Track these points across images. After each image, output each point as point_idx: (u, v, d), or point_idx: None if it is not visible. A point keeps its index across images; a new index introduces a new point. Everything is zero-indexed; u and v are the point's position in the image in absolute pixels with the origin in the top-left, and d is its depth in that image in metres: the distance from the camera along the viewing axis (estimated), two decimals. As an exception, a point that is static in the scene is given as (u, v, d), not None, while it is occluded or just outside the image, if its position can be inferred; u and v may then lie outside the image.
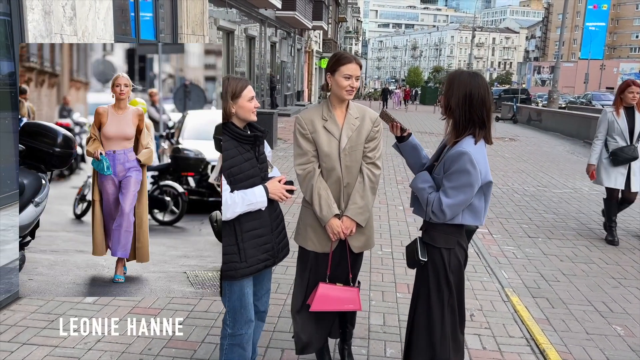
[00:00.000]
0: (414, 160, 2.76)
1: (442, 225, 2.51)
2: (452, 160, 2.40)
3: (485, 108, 2.41)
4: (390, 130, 2.74)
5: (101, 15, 7.92)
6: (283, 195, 2.64)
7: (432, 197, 2.47)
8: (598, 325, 3.88)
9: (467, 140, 2.42)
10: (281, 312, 3.88)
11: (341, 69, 2.73)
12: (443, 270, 2.54)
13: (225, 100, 2.52)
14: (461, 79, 2.42)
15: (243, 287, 2.68)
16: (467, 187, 2.38)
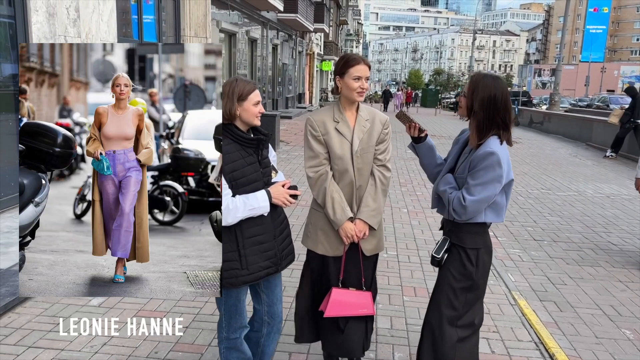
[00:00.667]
0: (429, 160, 2.79)
1: (468, 225, 2.55)
2: (479, 159, 2.44)
3: (507, 111, 2.46)
4: (407, 131, 2.75)
5: (104, 17, 7.91)
6: (287, 200, 2.59)
7: (452, 196, 2.52)
8: (607, 329, 3.85)
9: (492, 140, 2.46)
10: (288, 316, 3.85)
11: (350, 70, 2.71)
12: (467, 269, 2.56)
13: (231, 101, 2.48)
14: (485, 81, 2.46)
15: (240, 294, 2.65)
16: (491, 185, 2.43)
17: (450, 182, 2.59)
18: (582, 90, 63.12)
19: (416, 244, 5.70)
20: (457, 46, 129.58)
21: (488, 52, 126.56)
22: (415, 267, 4.98)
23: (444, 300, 2.61)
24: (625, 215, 7.37)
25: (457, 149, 2.67)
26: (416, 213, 6.99)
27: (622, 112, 13.30)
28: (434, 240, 5.84)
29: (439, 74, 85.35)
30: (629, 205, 8.02)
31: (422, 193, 8.28)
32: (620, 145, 13.39)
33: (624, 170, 11.55)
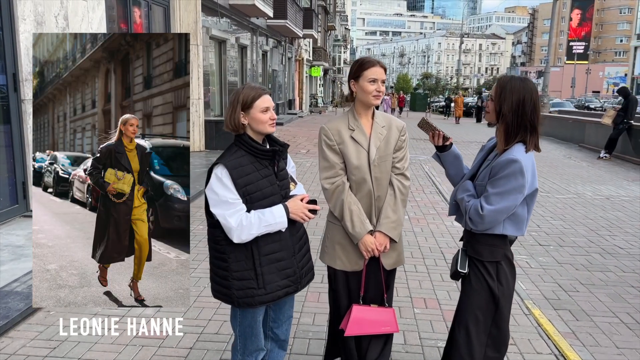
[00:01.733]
0: (456, 171, 2.63)
1: (485, 236, 2.40)
2: (501, 166, 2.30)
3: (536, 114, 2.33)
4: (431, 139, 2.60)
5: (94, 25, 7.73)
6: (305, 215, 2.43)
7: (470, 204, 2.38)
8: (627, 338, 3.73)
9: (517, 147, 2.32)
10: (296, 333, 3.69)
11: (365, 73, 2.57)
12: (488, 285, 2.41)
13: (234, 110, 2.33)
14: (513, 84, 2.32)
15: (256, 314, 2.49)
16: (511, 195, 2.28)
17: (468, 190, 2.45)
18: (568, 91, 63.80)
19: (421, 252, 5.56)
20: (444, 50, 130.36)
21: (474, 55, 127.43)
22: (422, 276, 4.84)
23: (470, 319, 2.46)
24: (627, 217, 7.29)
25: (482, 156, 2.54)
26: (418, 220, 6.86)
27: (615, 113, 13.32)
28: (438, 247, 5.71)
29: (427, 78, 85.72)
30: (629, 206, 7.96)
31: (421, 199, 8.16)
32: (613, 146, 13.39)
33: (619, 172, 11.53)
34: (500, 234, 2.40)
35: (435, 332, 3.74)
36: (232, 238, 2.30)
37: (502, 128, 2.37)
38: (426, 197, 8.30)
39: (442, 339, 3.62)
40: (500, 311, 2.45)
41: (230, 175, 2.28)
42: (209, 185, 2.33)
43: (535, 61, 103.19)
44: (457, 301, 2.61)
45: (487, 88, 76.50)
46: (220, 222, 2.31)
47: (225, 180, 2.28)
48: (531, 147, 2.34)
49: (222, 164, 2.30)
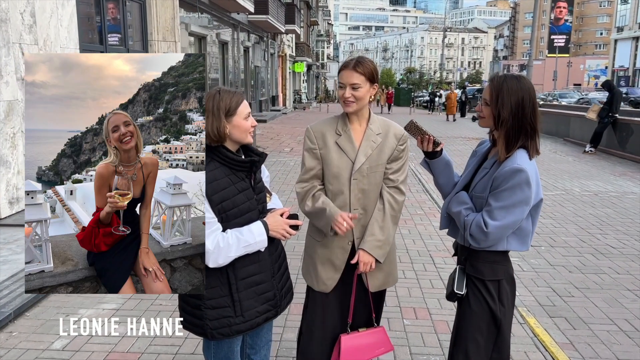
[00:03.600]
0: (446, 179, 2.37)
1: (485, 253, 2.17)
2: (504, 177, 2.06)
3: (535, 115, 2.10)
4: (419, 144, 2.31)
5: (64, 22, 7.36)
6: (286, 232, 2.18)
7: (470, 219, 2.12)
8: (627, 348, 3.54)
9: (520, 154, 2.10)
10: (278, 351, 3.44)
11: (338, 77, 2.34)
12: (489, 306, 2.18)
13: (217, 118, 2.03)
14: (509, 84, 2.08)
15: (233, 344, 2.24)
16: (518, 208, 2.06)
17: (464, 202, 2.20)
18: (550, 84, 64.20)
19: (409, 256, 5.35)
20: (427, 44, 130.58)
21: (457, 49, 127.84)
22: (412, 283, 4.62)
23: (470, 344, 2.22)
24: (617, 214, 7.17)
25: (475, 163, 2.28)
26: (405, 221, 6.64)
27: (600, 107, 13.26)
28: (427, 250, 5.50)
29: (410, 73, 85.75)
30: (618, 202, 7.84)
31: (408, 198, 7.91)
32: (599, 140, 13.35)
33: (606, 166, 11.46)
34: (503, 250, 2.18)
35: (427, 346, 3.52)
36: (208, 262, 2.03)
37: (502, 134, 2.12)
38: (413, 197, 8.10)
39: (433, 354, 3.42)
40: (502, 334, 2.23)
41: (205, 191, 2.01)
42: None
43: (517, 54, 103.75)
44: (454, 323, 2.38)
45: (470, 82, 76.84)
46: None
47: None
48: (533, 152, 2.12)
49: None
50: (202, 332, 2.15)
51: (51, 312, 3.95)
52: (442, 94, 37.05)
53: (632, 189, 8.86)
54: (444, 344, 3.53)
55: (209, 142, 2.09)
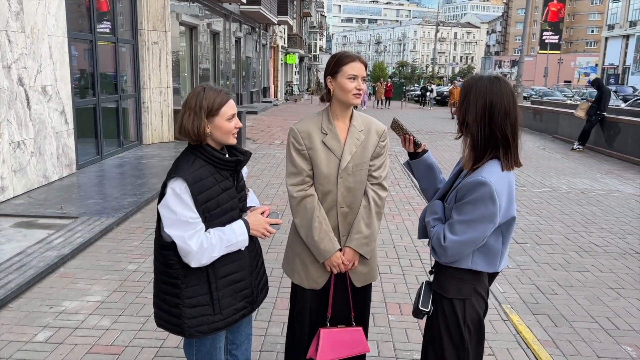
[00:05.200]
0: (428, 183, 2.26)
1: (452, 269, 2.00)
2: (467, 189, 1.89)
3: (509, 122, 1.90)
4: (402, 144, 2.28)
5: (52, 9, 7.27)
6: (266, 230, 2.18)
7: (434, 231, 1.99)
8: (607, 345, 3.59)
9: (490, 166, 1.91)
10: (263, 346, 3.45)
11: (344, 69, 2.29)
12: (456, 325, 2.02)
13: (198, 117, 2.00)
14: (479, 86, 1.91)
15: (216, 340, 2.23)
16: (480, 224, 1.88)
17: (435, 212, 2.05)
18: (540, 80, 64.56)
19: (396, 251, 5.37)
20: (420, 38, 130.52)
21: (449, 44, 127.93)
22: (397, 279, 4.64)
23: (434, 354, 2.11)
24: (602, 212, 7.24)
25: (455, 171, 2.15)
26: (392, 216, 6.67)
27: (589, 105, 13.35)
28: (414, 246, 5.53)
29: (403, 66, 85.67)
30: (603, 201, 7.92)
31: (397, 193, 7.97)
32: (587, 137, 13.44)
33: (593, 164, 11.56)
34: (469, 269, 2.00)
35: (411, 342, 3.54)
36: (190, 262, 2.01)
37: (468, 141, 1.97)
38: (401, 192, 8.12)
39: (417, 350, 3.44)
40: (467, 353, 2.05)
41: (190, 190, 1.98)
42: (164, 202, 2.00)
43: (509, 50, 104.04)
44: (423, 342, 2.27)
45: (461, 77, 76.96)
46: (174, 244, 2.02)
47: (184, 197, 1.97)
48: (508, 166, 1.92)
49: (181, 178, 1.97)
50: (179, 331, 2.12)
51: (35, 304, 3.93)
52: (433, 88, 36.99)
53: (618, 187, 8.95)
54: (427, 340, 3.56)
55: (188, 141, 2.08)
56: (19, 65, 6.52)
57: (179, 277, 2.08)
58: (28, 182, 6.79)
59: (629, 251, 5.59)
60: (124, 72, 10.48)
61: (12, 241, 4.99)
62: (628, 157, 11.89)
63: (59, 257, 4.64)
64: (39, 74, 6.98)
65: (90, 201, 6.47)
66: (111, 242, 5.30)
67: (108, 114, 9.77)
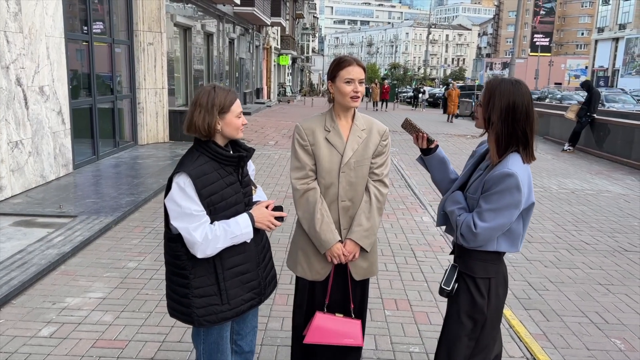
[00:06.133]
0: (442, 175, 2.45)
1: (477, 252, 2.21)
2: (494, 181, 2.08)
3: (529, 121, 2.11)
4: (415, 141, 2.43)
5: (49, 10, 7.32)
6: (271, 223, 2.29)
7: (461, 219, 2.18)
8: (597, 339, 3.71)
9: (513, 158, 2.11)
10: (263, 340, 3.54)
11: (341, 73, 2.41)
12: (477, 303, 2.22)
13: (210, 114, 2.11)
14: (503, 88, 2.11)
15: (222, 330, 2.33)
16: (507, 211, 2.08)
17: (459, 202, 2.26)
18: (531, 83, 65.01)
19: (391, 249, 5.47)
20: (412, 40, 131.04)
21: (441, 46, 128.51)
22: (393, 276, 4.75)
23: (454, 338, 2.29)
24: (592, 211, 7.39)
25: (472, 163, 2.34)
26: (387, 215, 6.77)
27: (579, 107, 13.55)
28: (408, 244, 5.64)
29: (395, 68, 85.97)
30: (593, 200, 8.07)
31: (391, 193, 8.08)
32: (577, 139, 13.65)
33: (583, 164, 11.74)
34: (494, 251, 2.23)
35: (407, 336, 3.64)
36: (196, 253, 2.11)
37: (492, 137, 2.17)
38: (395, 192, 8.24)
39: (413, 343, 3.54)
40: (485, 332, 2.27)
41: (193, 184, 2.08)
42: (169, 196, 2.11)
43: (500, 52, 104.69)
44: (444, 318, 2.43)
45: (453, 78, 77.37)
46: (181, 236, 2.12)
47: (188, 191, 2.08)
48: (527, 159, 2.14)
49: (185, 173, 2.09)
50: (189, 320, 2.23)
51: (38, 300, 3.99)
52: (425, 90, 37.18)
53: (607, 188, 9.12)
54: (423, 334, 3.67)
55: (199, 137, 2.17)
56: (17, 65, 6.57)
57: (187, 268, 2.17)
58: (26, 181, 6.83)
59: (618, 249, 5.74)
60: (119, 72, 10.52)
61: (12, 239, 5.04)
62: (617, 158, 12.10)
63: (60, 254, 4.70)
64: (37, 74, 7.02)
65: (88, 200, 6.52)
66: (110, 241, 5.37)
67: (104, 114, 9.81)
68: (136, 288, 4.27)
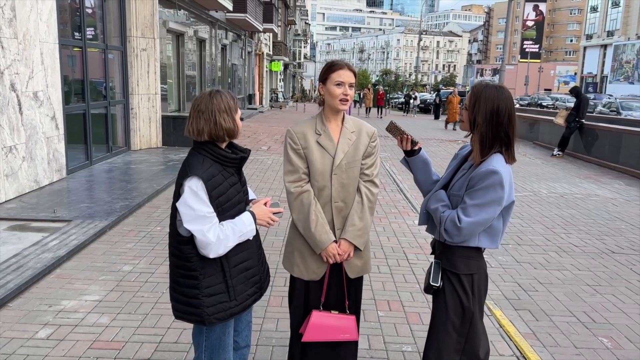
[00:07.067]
0: (425, 176, 2.55)
1: (460, 248, 2.31)
2: (480, 177, 2.20)
3: (511, 124, 2.24)
4: (399, 144, 2.53)
5: (44, 16, 7.37)
6: (270, 219, 2.38)
7: (445, 215, 2.28)
8: (584, 337, 3.81)
9: (496, 158, 2.22)
10: (258, 340, 3.59)
11: (332, 76, 2.50)
12: (461, 299, 2.32)
13: (229, 116, 2.22)
14: (487, 93, 2.23)
15: (226, 326, 2.39)
16: (490, 207, 2.19)
17: (442, 200, 2.36)
18: (522, 89, 65.62)
19: (384, 252, 5.55)
20: (403, 46, 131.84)
21: (432, 52, 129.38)
22: (385, 277, 4.82)
23: (444, 335, 2.36)
24: (580, 214, 7.51)
25: (455, 164, 2.45)
26: (380, 219, 6.86)
27: (568, 113, 13.74)
28: (400, 247, 5.72)
29: (386, 74, 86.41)
30: (582, 204, 8.20)
31: (383, 197, 8.17)
32: (566, 144, 13.83)
33: (572, 169, 11.90)
34: (476, 246, 2.33)
35: (400, 336, 3.71)
36: (209, 254, 2.18)
37: (477, 138, 2.28)
38: (387, 196, 8.32)
39: (406, 343, 3.61)
40: (473, 326, 2.36)
41: (205, 187, 2.16)
42: (182, 200, 2.17)
43: (490, 59, 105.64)
44: (430, 316, 2.52)
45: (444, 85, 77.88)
46: (191, 239, 2.19)
47: (201, 194, 2.15)
48: (509, 159, 2.27)
49: (196, 176, 2.15)
50: (199, 320, 2.28)
51: (34, 303, 4.02)
52: (417, 96, 37.40)
53: (596, 192, 9.27)
54: (415, 333, 3.74)
55: (201, 140, 2.23)
56: (11, 71, 6.60)
57: (197, 269, 2.24)
58: (19, 186, 6.85)
59: (606, 251, 5.85)
60: (112, 78, 10.55)
61: (7, 243, 5.06)
62: (605, 162, 12.28)
63: (55, 258, 4.73)
64: (31, 80, 7.05)
65: (82, 205, 6.55)
66: (105, 245, 5.40)
67: (97, 119, 9.84)
68: (132, 291, 4.31)
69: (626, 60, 57.45)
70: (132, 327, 3.70)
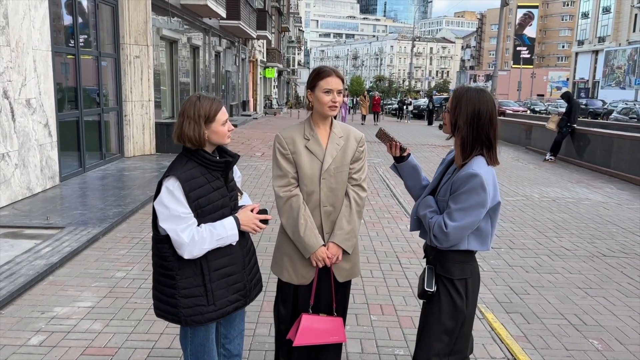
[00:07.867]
0: (414, 182, 2.58)
1: (453, 253, 2.32)
2: (461, 182, 2.21)
3: (492, 126, 2.26)
4: (388, 150, 2.55)
5: (37, 24, 7.38)
6: (256, 226, 2.38)
7: (433, 220, 2.30)
8: (575, 340, 3.84)
9: (477, 161, 2.24)
10: (251, 345, 3.60)
11: (320, 83, 2.53)
12: (456, 303, 2.33)
13: (197, 124, 2.21)
14: (469, 95, 2.25)
15: (208, 331, 2.40)
16: (474, 210, 2.20)
17: (430, 205, 2.37)
18: (514, 94, 66.06)
19: (377, 256, 5.57)
20: (396, 53, 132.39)
21: (425, 58, 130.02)
22: (379, 282, 4.84)
23: (435, 338, 2.37)
24: (572, 218, 7.57)
25: (441, 169, 2.47)
26: (373, 224, 6.88)
27: (559, 118, 13.85)
28: (393, 252, 5.74)
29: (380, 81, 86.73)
30: (574, 208, 8.26)
31: (376, 202, 8.20)
32: (558, 149, 13.93)
33: (564, 173, 11.98)
34: (467, 250, 2.34)
35: (392, 339, 3.73)
36: (183, 254, 2.20)
37: (458, 141, 2.31)
38: (381, 201, 8.36)
39: (398, 346, 3.63)
40: (464, 329, 2.38)
41: (182, 188, 2.18)
42: (158, 199, 2.20)
43: (483, 65, 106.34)
44: (420, 319, 2.52)
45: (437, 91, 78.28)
46: (168, 238, 2.21)
47: (177, 194, 2.17)
48: (491, 162, 2.27)
49: (174, 176, 2.18)
50: (176, 319, 2.30)
51: (26, 310, 4.02)
52: (411, 102, 37.59)
53: (587, 196, 9.34)
54: (408, 337, 3.76)
55: (189, 146, 2.26)
56: (4, 78, 6.60)
57: (174, 269, 2.26)
58: (12, 193, 6.83)
59: (597, 254, 5.90)
60: (106, 85, 10.56)
61: (0, 251, 5.05)
62: (597, 167, 12.37)
63: (48, 265, 4.73)
64: (24, 87, 7.05)
65: (75, 212, 6.54)
66: (98, 251, 5.40)
67: (90, 126, 9.83)
68: (125, 297, 4.31)
69: (617, 66, 57.99)
70: (125, 333, 3.70)
